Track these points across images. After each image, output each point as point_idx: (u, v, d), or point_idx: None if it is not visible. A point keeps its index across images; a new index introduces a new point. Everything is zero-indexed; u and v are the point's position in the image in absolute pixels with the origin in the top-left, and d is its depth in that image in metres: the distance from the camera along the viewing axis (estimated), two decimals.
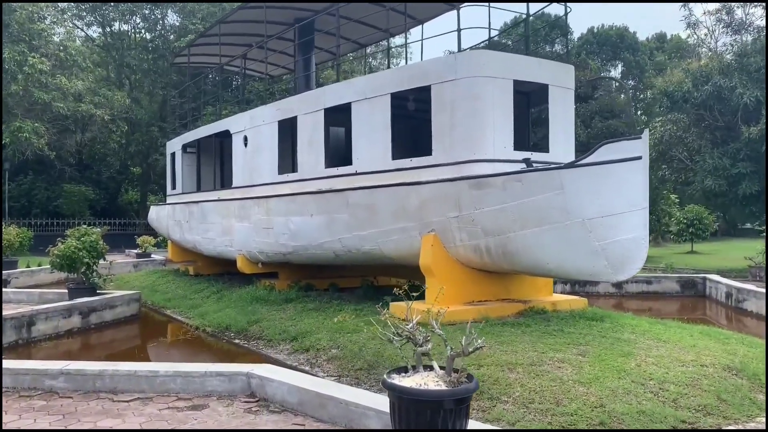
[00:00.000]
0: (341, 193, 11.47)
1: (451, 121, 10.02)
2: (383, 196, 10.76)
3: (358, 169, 11.39)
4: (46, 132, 31.52)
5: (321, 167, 12.18)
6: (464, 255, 10.13)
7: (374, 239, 11.07)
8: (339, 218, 11.58)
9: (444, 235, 10.13)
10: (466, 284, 10.50)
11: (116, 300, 13.18)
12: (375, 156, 11.08)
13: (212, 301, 14.44)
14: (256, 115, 14.31)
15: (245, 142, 14.74)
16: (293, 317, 11.66)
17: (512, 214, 9.24)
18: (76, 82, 31.76)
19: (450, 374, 4.43)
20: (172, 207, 18.76)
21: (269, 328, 11.15)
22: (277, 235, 13.21)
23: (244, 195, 14.59)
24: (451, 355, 4.49)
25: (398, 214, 10.59)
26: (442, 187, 9.96)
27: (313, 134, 12.37)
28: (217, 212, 15.66)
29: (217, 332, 11.84)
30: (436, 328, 4.90)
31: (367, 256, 11.49)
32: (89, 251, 13.11)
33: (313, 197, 12.12)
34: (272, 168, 13.60)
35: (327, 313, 11.48)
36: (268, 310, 12.56)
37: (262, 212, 13.66)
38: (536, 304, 10.73)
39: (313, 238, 12.25)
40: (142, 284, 18.82)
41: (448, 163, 10.04)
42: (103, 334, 12.39)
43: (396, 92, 10.78)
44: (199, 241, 16.72)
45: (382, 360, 8.43)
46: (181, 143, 18.72)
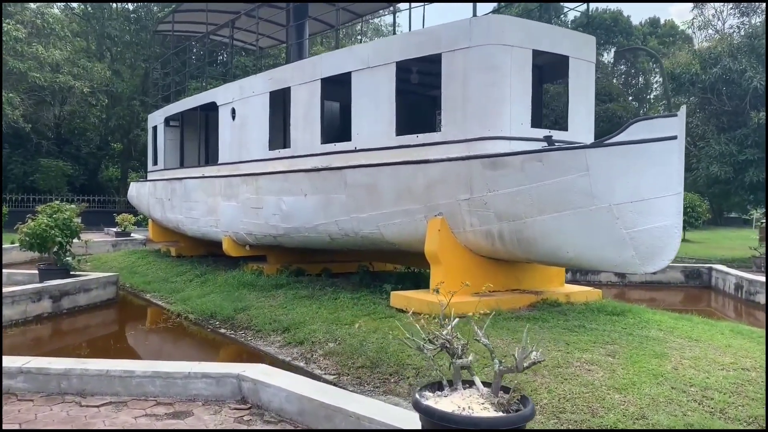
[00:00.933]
0: (339, 171, 10.53)
1: (463, 93, 9.09)
2: (386, 176, 9.84)
3: (358, 145, 10.43)
4: (21, 103, 30.07)
5: (317, 143, 11.20)
6: (474, 241, 9.27)
7: (374, 222, 10.16)
8: (336, 199, 10.65)
9: (452, 219, 9.25)
10: (475, 273, 9.63)
11: (91, 283, 12.17)
12: (377, 132, 10.13)
13: (195, 285, 13.49)
14: (245, 86, 13.26)
15: (233, 115, 13.70)
16: (284, 305, 10.76)
17: (530, 197, 8.38)
18: (54, 52, 30.26)
19: (497, 394, 3.55)
20: (153, 184, 17.68)
21: (258, 317, 10.24)
22: (267, 216, 12.25)
23: (232, 172, 13.59)
24: (500, 370, 3.60)
25: (402, 195, 9.68)
26: (451, 166, 9.06)
27: (308, 107, 11.38)
28: (202, 190, 14.64)
29: (200, 320, 10.90)
30: (480, 337, 3.99)
31: (366, 240, 10.59)
32: (62, 229, 12.06)
33: (308, 176, 11.16)
34: (262, 143, 12.60)
35: (321, 302, 10.59)
36: (256, 296, 11.65)
37: (251, 191, 12.68)
38: (549, 296, 9.92)
39: (307, 220, 11.31)
40: (120, 265, 17.78)
41: (459, 140, 9.12)
42: (76, 320, 11.40)
43: (402, 61, 9.81)
44: (181, 220, 15.69)
45: (386, 357, 7.58)
46: (163, 116, 17.60)
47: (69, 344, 10.09)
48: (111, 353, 9.30)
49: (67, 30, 32.72)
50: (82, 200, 37.16)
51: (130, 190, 20.31)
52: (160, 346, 10.08)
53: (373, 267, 13.54)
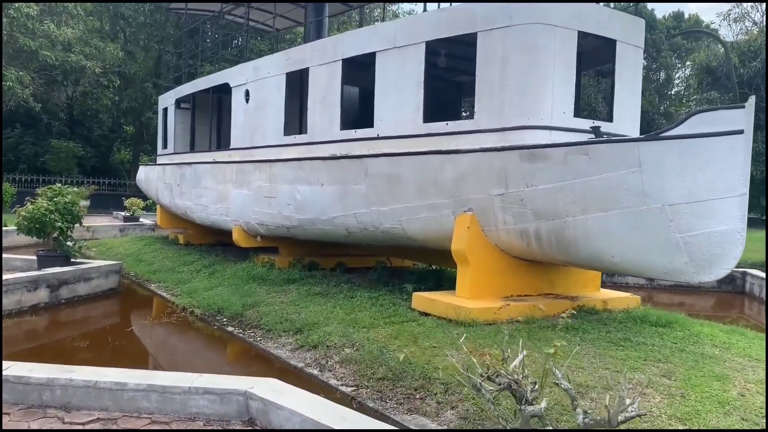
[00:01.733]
0: (359, 160, 9.72)
1: (500, 77, 8.23)
2: (411, 166, 9.02)
3: (381, 132, 9.61)
4: (31, 82, 29.43)
5: (336, 129, 10.39)
6: (506, 241, 8.44)
7: (396, 216, 9.36)
8: (355, 190, 9.85)
9: (484, 215, 8.43)
10: (505, 275, 8.85)
11: (92, 271, 11.46)
12: (402, 118, 9.30)
13: (203, 277, 12.76)
14: (260, 66, 12.46)
15: (247, 98, 12.91)
16: (296, 302, 10.00)
17: (573, 194, 7.55)
18: (66, 30, 29.53)
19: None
20: (163, 168, 16.95)
21: (269, 315, 9.48)
22: (280, 205, 11.47)
23: (244, 158, 12.81)
24: (587, 424, 2.79)
25: (428, 188, 8.86)
26: (485, 157, 8.23)
27: (327, 89, 10.56)
28: (212, 176, 13.88)
29: (207, 315, 10.17)
30: (559, 379, 3.18)
31: (387, 235, 9.79)
32: (63, 214, 11.34)
33: (325, 164, 10.37)
34: (277, 128, 11.80)
35: (336, 300, 9.81)
36: (266, 291, 10.90)
37: (264, 178, 11.90)
38: (586, 302, 9.09)
39: (323, 212, 10.52)
40: (126, 252, 17.10)
41: (495, 128, 8.28)
42: (74, 312, 10.70)
43: (433, 40, 8.96)
44: (190, 207, 14.96)
45: (410, 368, 6.79)
46: (174, 98, 16.84)
47: (63, 338, 9.39)
48: (106, 351, 8.59)
49: (80, 8, 31.98)
50: (92, 182, 36.65)
51: (139, 174, 19.61)
52: (162, 345, 9.36)
53: (391, 262, 12.76)
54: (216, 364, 8.33)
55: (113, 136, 43.31)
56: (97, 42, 33.00)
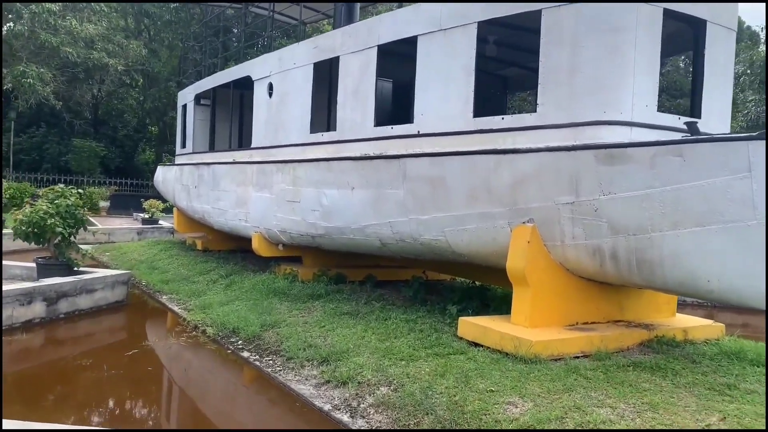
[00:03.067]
0: (396, 161, 8.41)
1: (571, 62, 6.86)
2: (458, 168, 7.69)
3: (422, 129, 8.29)
4: (52, 79, 28.69)
5: (369, 125, 9.10)
6: (575, 259, 7.06)
7: (440, 227, 8.02)
8: (391, 195, 8.54)
9: (547, 228, 7.06)
10: (570, 299, 7.46)
11: (95, 282, 10.30)
12: (448, 112, 7.97)
13: (219, 289, 11.54)
14: (285, 57, 11.22)
15: (270, 91, 11.68)
16: (322, 323, 8.72)
17: (661, 204, 6.17)
18: (88, 26, 28.76)
19: None
20: (180, 168, 15.82)
21: (290, 338, 8.22)
22: (304, 211, 10.21)
23: (265, 158, 11.59)
24: None
25: (479, 194, 7.52)
26: (551, 158, 6.87)
27: (359, 80, 9.27)
28: (231, 178, 12.69)
29: (221, 336, 8.93)
30: None
31: (427, 249, 8.45)
32: (64, 218, 10.21)
33: (356, 165, 9.08)
34: (303, 125, 10.55)
35: (368, 322, 8.51)
36: (288, 308, 9.64)
37: (288, 181, 10.65)
38: (664, 332, 7.66)
39: (353, 219, 9.24)
40: (140, 257, 16.01)
41: (562, 124, 6.91)
42: (72, 329, 9.54)
43: (486, 21, 7.62)
44: (208, 211, 13.79)
45: (463, 418, 5.47)
46: (194, 93, 15.72)
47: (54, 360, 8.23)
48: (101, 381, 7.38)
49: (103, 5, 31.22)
50: (113, 183, 35.95)
51: (157, 175, 18.55)
52: (166, 374, 8.14)
53: (427, 276, 11.43)
54: (226, 403, 7.07)
55: (138, 137, 42.69)
56: (120, 39, 32.21)
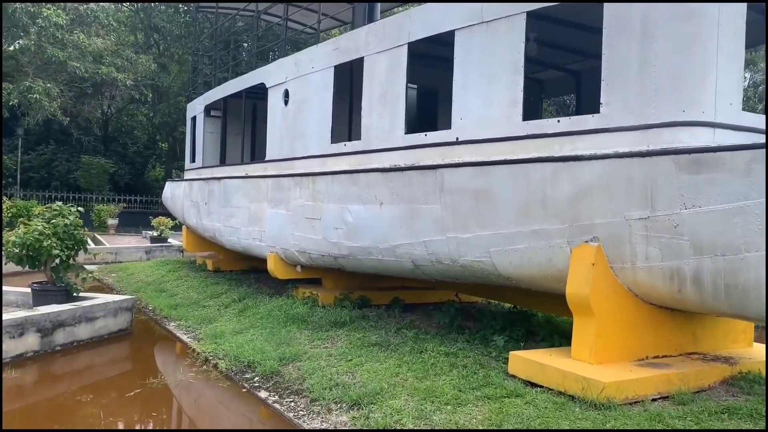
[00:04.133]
0: (432, 171, 7.43)
1: (641, 55, 5.87)
2: (507, 179, 6.69)
3: (462, 135, 7.31)
4: (59, 95, 28.00)
5: (399, 133, 8.14)
6: (647, 283, 6.03)
7: (484, 247, 7.01)
8: (425, 210, 7.55)
9: (615, 247, 6.04)
10: (639, 329, 6.43)
11: (96, 309, 9.35)
12: (493, 115, 6.99)
13: (231, 315, 10.56)
14: (302, 60, 10.30)
15: (286, 99, 10.77)
16: (348, 356, 7.71)
17: (759, 219, 5.14)
18: (96, 40, 28.11)
19: None
20: (189, 184, 14.92)
21: (313, 375, 7.21)
22: (326, 229, 9.24)
23: (281, 171, 10.64)
24: None
25: (532, 208, 6.52)
26: (621, 166, 5.86)
27: (388, 83, 8.32)
28: (244, 193, 11.75)
29: (234, 371, 7.93)
30: None
31: (468, 271, 7.44)
32: (62, 239, 9.29)
33: (385, 177, 8.10)
34: (323, 134, 9.61)
35: (401, 355, 7.50)
36: (309, 338, 8.65)
37: (306, 196, 9.69)
38: (748, 366, 6.62)
39: (382, 239, 8.25)
40: (148, 279, 15.08)
41: (632, 126, 5.91)
42: (70, 363, 8.57)
43: (537, 10, 6.66)
44: (219, 229, 12.84)
45: None
46: (203, 104, 14.86)
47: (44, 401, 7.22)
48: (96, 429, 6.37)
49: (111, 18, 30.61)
50: (122, 200, 35.20)
51: (165, 191, 17.67)
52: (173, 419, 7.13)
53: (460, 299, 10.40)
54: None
55: (148, 153, 42.02)
56: (129, 53, 31.56)
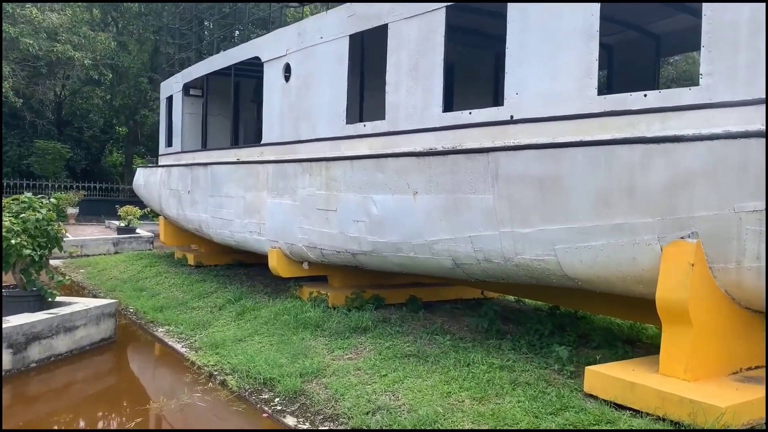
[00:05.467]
0: (483, 156, 6.37)
1: (755, 15, 4.92)
2: (582, 164, 5.69)
3: (518, 112, 6.27)
4: (11, 74, 25.95)
5: (435, 111, 7.05)
6: (754, 286, 5.14)
7: (548, 243, 6.01)
8: (474, 201, 6.51)
9: (718, 245, 5.12)
10: (733, 338, 5.56)
11: (76, 317, 8.06)
12: (560, 89, 5.97)
13: (229, 318, 9.38)
14: (308, 30, 9.09)
15: (286, 74, 9.56)
16: (381, 370, 6.66)
17: None
18: (51, 15, 26.09)
19: None
20: (168, 171, 13.54)
21: (346, 395, 6.15)
22: (343, 222, 8.12)
23: (283, 156, 9.45)
24: None
25: (614, 199, 5.54)
26: (732, 149, 4.91)
27: (421, 53, 7.21)
28: (237, 181, 10.51)
29: (247, 390, 6.80)
30: None
31: (523, 270, 6.43)
32: (33, 237, 7.96)
33: (421, 163, 7.02)
34: (335, 114, 8.46)
35: (444, 368, 6.50)
36: (327, 347, 7.57)
37: (318, 184, 8.55)
38: None
39: (416, 233, 7.18)
40: (122, 275, 13.71)
41: (742, 101, 4.97)
42: (48, 383, 7.28)
43: None
44: (206, 221, 11.57)
45: None
46: (181, 83, 13.47)
47: None
48: None
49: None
50: (81, 187, 33.16)
51: (137, 178, 16.19)
52: None
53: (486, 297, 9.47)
54: None
55: (105, 138, 39.84)
56: (86, 30, 29.50)
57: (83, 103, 38.71)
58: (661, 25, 8.68)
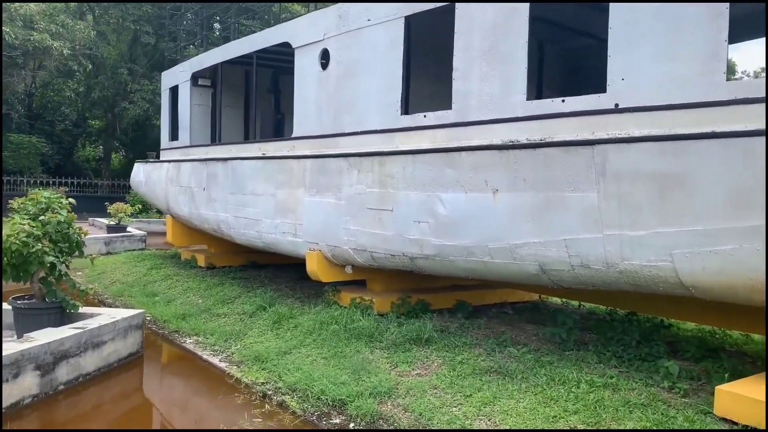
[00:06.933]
0: (586, 149, 5.69)
1: None
2: (715, 160, 5.03)
3: (625, 100, 5.59)
4: None
5: (518, 99, 6.34)
6: None
7: (664, 247, 5.35)
8: (572, 200, 5.83)
9: None
10: None
11: (104, 331, 7.18)
12: (677, 74, 5.30)
13: (264, 327, 8.57)
14: (351, 12, 8.30)
15: (324, 62, 8.76)
16: (462, 389, 5.98)
17: None
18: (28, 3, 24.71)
19: None
20: (176, 166, 12.59)
21: (434, 420, 5.49)
22: (402, 222, 7.37)
23: (322, 150, 8.66)
24: None
25: (752, 198, 4.90)
26: None
27: (499, 35, 6.49)
28: (266, 178, 9.67)
29: (313, 413, 6.04)
30: None
31: (625, 278, 5.77)
32: (54, 241, 7.06)
33: (505, 157, 6.31)
34: (388, 104, 7.69)
35: (536, 386, 5.83)
36: (389, 361, 6.86)
37: (369, 182, 7.78)
38: None
39: (495, 236, 6.47)
40: (125, 277, 12.77)
41: None
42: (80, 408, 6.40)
43: None
44: (226, 221, 10.69)
45: None
46: (189, 72, 12.53)
47: None
48: None
49: None
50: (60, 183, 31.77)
51: (135, 174, 15.16)
52: None
53: (542, 299, 8.82)
54: None
55: (77, 131, 38.26)
56: (64, 18, 28.08)
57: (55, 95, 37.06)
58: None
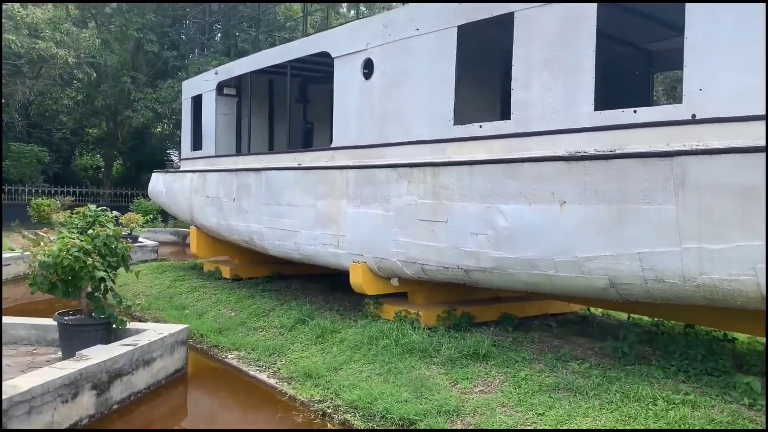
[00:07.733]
0: (665, 161, 5.56)
1: None
2: None
3: (702, 111, 5.48)
4: None
5: (584, 109, 6.23)
6: None
7: (747, 261, 5.24)
8: (648, 213, 5.70)
9: None
10: None
11: (154, 348, 6.99)
12: (755, 82, 5.20)
13: (306, 341, 8.39)
14: (397, 21, 8.18)
15: (367, 71, 8.64)
16: (532, 407, 5.86)
17: None
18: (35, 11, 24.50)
19: None
20: (201, 177, 12.40)
21: None
22: (457, 234, 7.23)
23: (366, 160, 8.51)
24: None
25: None
26: None
27: (562, 44, 6.38)
28: (304, 188, 9.50)
29: None
30: None
31: (702, 292, 5.64)
32: (103, 256, 6.87)
33: (573, 168, 6.18)
34: (439, 114, 7.56)
35: (610, 403, 5.72)
36: (448, 378, 6.71)
37: (421, 193, 7.64)
38: None
39: (562, 249, 6.34)
40: (149, 290, 12.56)
41: None
42: (132, 424, 6.23)
43: None
44: (259, 231, 10.51)
45: None
46: (214, 81, 12.36)
47: None
48: None
49: None
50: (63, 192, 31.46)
51: (154, 184, 14.94)
52: None
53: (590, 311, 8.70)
54: None
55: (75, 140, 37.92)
56: (69, 26, 27.83)
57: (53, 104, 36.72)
58: None
